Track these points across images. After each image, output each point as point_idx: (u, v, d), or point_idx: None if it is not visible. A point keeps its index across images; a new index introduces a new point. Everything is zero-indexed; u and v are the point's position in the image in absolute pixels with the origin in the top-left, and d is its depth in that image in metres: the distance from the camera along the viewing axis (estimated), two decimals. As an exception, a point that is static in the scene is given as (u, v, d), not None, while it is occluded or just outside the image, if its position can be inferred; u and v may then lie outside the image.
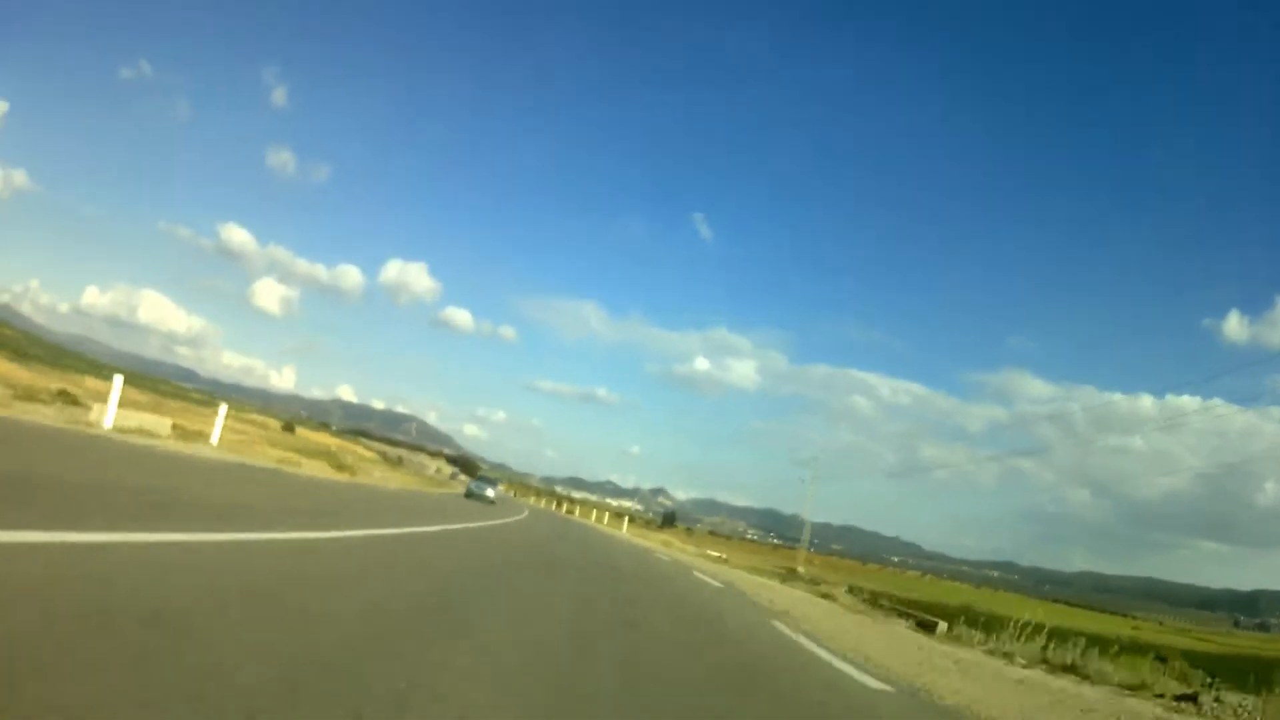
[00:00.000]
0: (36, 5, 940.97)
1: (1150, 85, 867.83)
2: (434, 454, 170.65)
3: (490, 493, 42.05)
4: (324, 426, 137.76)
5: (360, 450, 68.78)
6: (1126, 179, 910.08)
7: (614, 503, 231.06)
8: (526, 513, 38.38)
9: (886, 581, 71.01)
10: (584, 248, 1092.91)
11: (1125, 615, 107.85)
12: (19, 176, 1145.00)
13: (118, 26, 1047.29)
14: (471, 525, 16.79)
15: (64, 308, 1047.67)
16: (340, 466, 31.17)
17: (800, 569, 48.44)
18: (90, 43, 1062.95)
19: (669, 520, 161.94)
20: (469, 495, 40.71)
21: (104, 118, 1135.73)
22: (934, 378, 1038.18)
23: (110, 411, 15.20)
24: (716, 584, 17.42)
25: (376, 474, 39.93)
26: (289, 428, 65.41)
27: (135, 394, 44.51)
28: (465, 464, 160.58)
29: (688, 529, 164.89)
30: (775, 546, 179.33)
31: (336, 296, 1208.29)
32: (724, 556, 43.01)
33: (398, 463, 78.79)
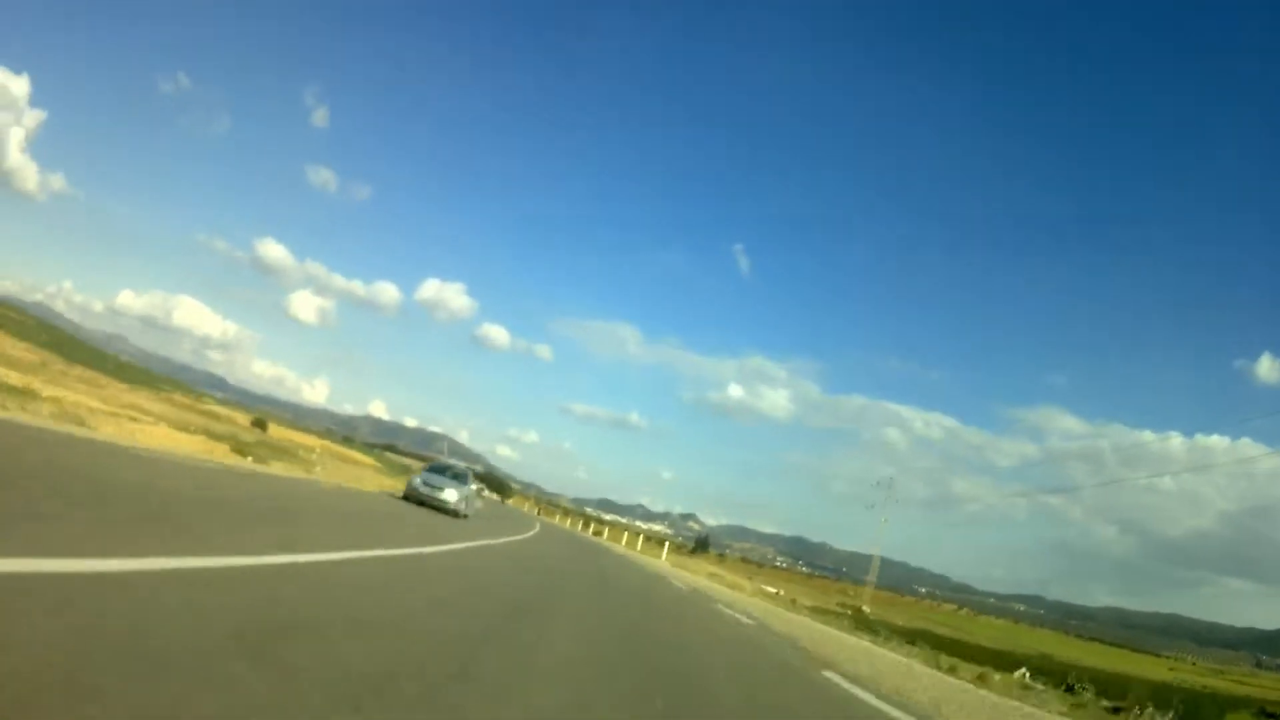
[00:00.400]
0: (75, 17, 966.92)
1: (1196, 128, 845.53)
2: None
3: (450, 495, 22.52)
4: (347, 440, 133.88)
5: (349, 453, 63.40)
6: (1167, 219, 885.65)
7: (644, 526, 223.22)
8: (528, 534, 27.78)
9: (949, 623, 63.09)
10: (622, 273, 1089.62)
11: (1156, 655, 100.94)
12: (57, 180, 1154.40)
13: (157, 41, 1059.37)
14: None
15: (98, 306, 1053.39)
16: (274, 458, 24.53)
17: (866, 608, 41.09)
18: (129, 55, 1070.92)
19: (702, 545, 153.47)
20: (412, 496, 23.13)
21: (143, 128, 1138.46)
22: (968, 412, 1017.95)
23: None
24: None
25: (320, 470, 28.81)
26: (260, 424, 59.71)
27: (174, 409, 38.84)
28: (488, 480, 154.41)
29: (719, 555, 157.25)
30: (807, 576, 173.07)
31: (372, 310, 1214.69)
32: (783, 594, 35.94)
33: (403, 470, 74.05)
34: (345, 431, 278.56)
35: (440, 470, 26.52)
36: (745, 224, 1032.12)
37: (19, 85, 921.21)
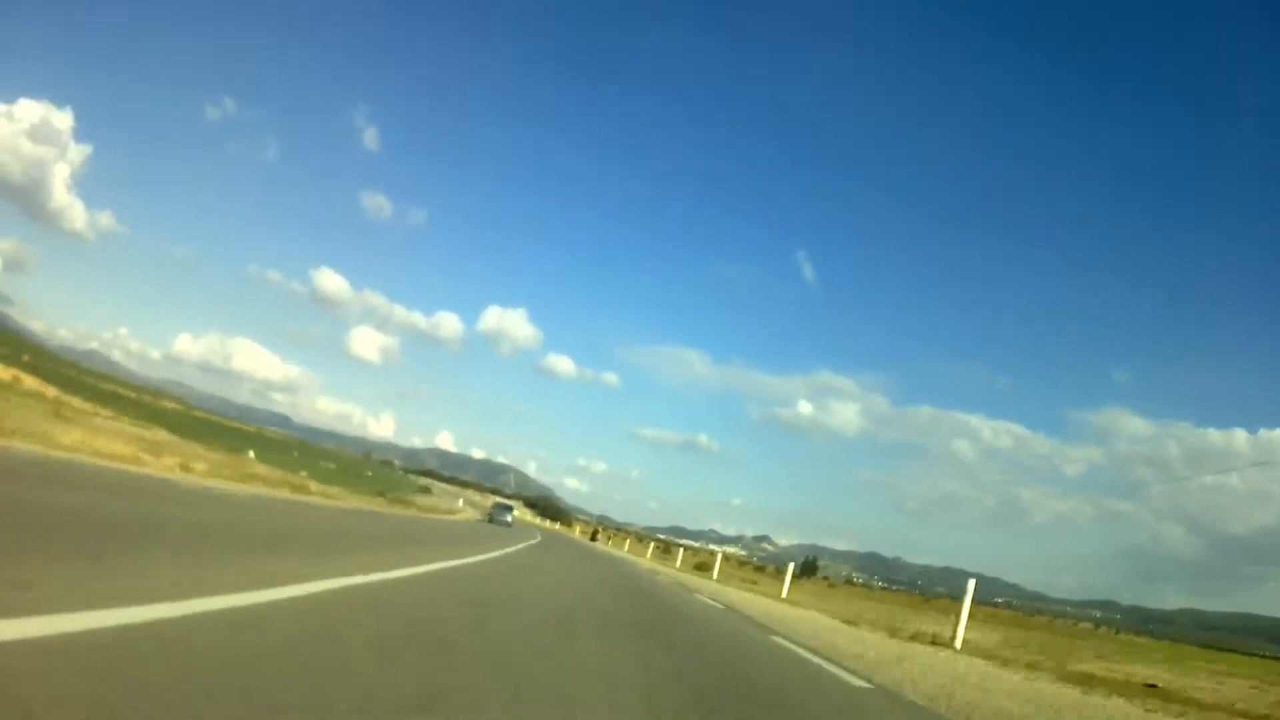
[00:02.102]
0: (116, 47, 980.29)
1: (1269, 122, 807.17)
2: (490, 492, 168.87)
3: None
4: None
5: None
6: (1230, 214, 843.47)
7: (717, 548, 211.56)
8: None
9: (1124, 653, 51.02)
10: (687, 293, 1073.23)
11: (1260, 656, 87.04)
12: (105, 219, 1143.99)
13: (200, 66, 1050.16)
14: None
15: (155, 354, 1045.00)
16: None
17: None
18: (172, 83, 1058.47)
19: (809, 569, 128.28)
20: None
21: (190, 157, 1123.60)
22: (1035, 419, 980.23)
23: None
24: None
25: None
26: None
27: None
28: (547, 507, 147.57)
29: (825, 581, 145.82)
30: (890, 591, 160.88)
31: (435, 344, 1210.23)
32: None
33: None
34: (413, 464, 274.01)
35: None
36: (808, 230, 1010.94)
37: (62, 120, 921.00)
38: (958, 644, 12.60)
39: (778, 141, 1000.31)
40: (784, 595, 23.04)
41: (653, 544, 66.73)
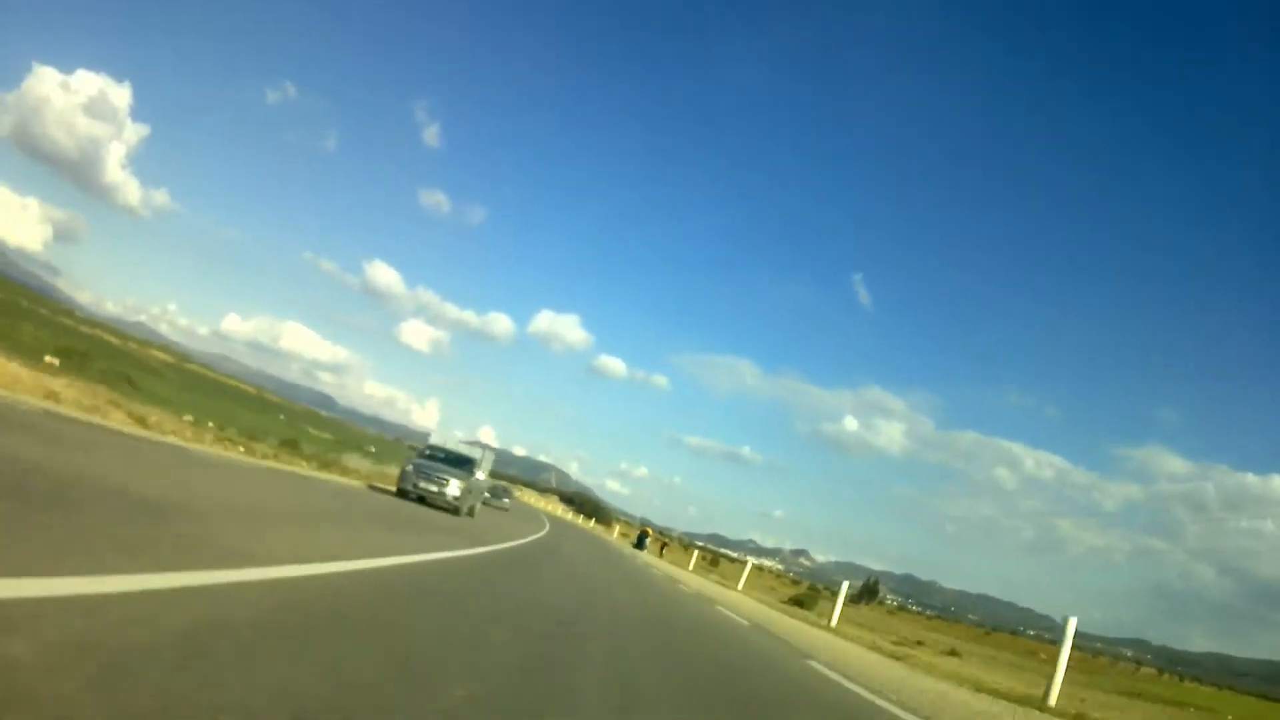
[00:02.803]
0: (179, 23, 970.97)
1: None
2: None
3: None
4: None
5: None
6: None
7: (755, 561, 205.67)
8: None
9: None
10: (742, 307, 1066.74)
11: None
12: (160, 196, 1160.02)
13: (263, 48, 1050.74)
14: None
15: (203, 330, 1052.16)
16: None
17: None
18: (235, 63, 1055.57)
19: (870, 593, 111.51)
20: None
21: (249, 142, 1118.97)
22: (1077, 451, 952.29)
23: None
24: None
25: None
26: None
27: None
28: (584, 503, 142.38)
29: (832, 592, 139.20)
30: (930, 619, 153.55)
31: (486, 339, 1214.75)
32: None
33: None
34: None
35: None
36: (865, 253, 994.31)
37: (120, 96, 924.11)
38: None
39: (839, 165, 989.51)
40: (833, 624, 18.03)
41: (695, 554, 58.81)
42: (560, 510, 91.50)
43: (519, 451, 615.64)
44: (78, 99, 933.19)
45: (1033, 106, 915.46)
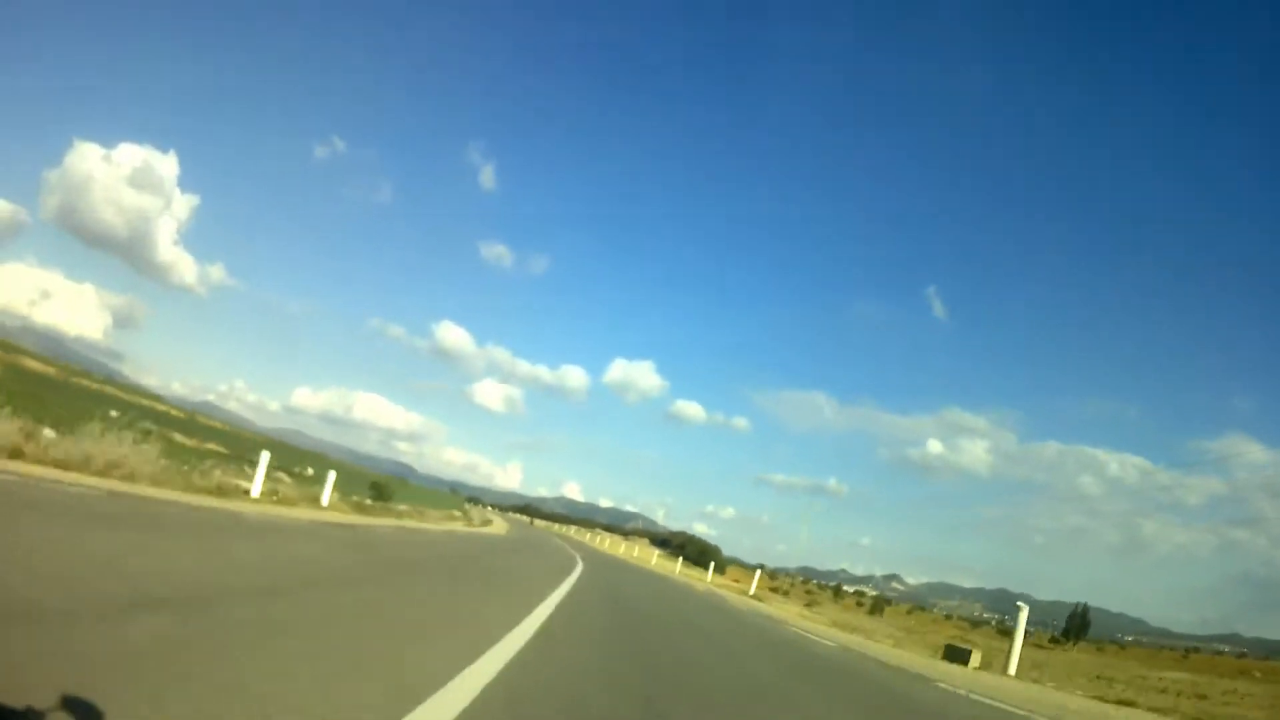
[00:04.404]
0: (220, 88, 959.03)
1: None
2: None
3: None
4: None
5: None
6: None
7: (850, 590, 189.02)
8: None
9: None
10: (814, 335, 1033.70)
11: None
12: (216, 272, 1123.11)
13: (306, 105, 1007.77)
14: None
15: (274, 406, 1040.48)
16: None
17: None
18: (279, 123, 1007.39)
19: (1080, 626, 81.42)
20: None
21: (302, 202, 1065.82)
22: (1158, 450, 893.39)
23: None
24: None
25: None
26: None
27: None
28: (679, 544, 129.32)
29: (918, 609, 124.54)
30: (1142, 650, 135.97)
31: (561, 395, 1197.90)
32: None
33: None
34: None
35: None
36: (937, 265, 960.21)
37: (167, 165, 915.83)
38: None
39: (905, 176, 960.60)
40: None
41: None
42: (656, 556, 71.07)
43: (605, 504, 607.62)
44: (122, 171, 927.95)
45: (1100, 106, 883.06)
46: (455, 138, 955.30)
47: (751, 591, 35.07)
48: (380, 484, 30.69)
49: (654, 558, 52.37)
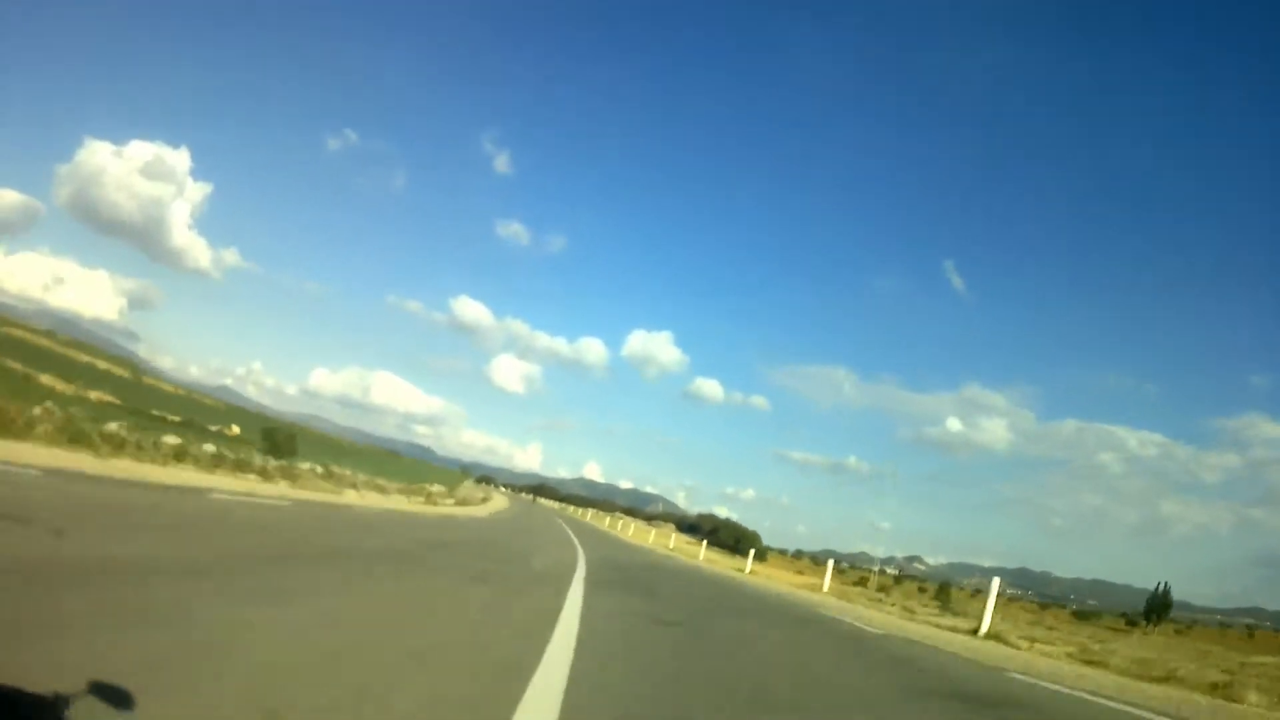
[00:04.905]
0: (229, 82, 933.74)
1: None
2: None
3: None
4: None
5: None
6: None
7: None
8: None
9: None
10: (834, 309, 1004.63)
11: None
12: (230, 255, 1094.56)
13: (317, 97, 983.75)
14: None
15: (291, 389, 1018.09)
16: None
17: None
18: (290, 116, 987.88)
19: (1161, 608, 71.58)
20: None
21: (316, 191, 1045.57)
22: (1177, 427, 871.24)
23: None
24: None
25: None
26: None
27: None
28: (710, 529, 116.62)
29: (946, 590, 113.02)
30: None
31: (580, 371, 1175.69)
32: None
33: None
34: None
35: None
36: (955, 238, 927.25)
37: (179, 159, 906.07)
38: None
39: (921, 144, 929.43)
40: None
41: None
42: (683, 543, 61.83)
43: (625, 485, 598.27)
44: (135, 164, 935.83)
45: (1123, 73, 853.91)
46: (469, 126, 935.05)
47: (825, 588, 25.19)
48: (278, 431, 21.26)
49: (701, 552, 41.89)
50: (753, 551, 38.81)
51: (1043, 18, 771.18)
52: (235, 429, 30.36)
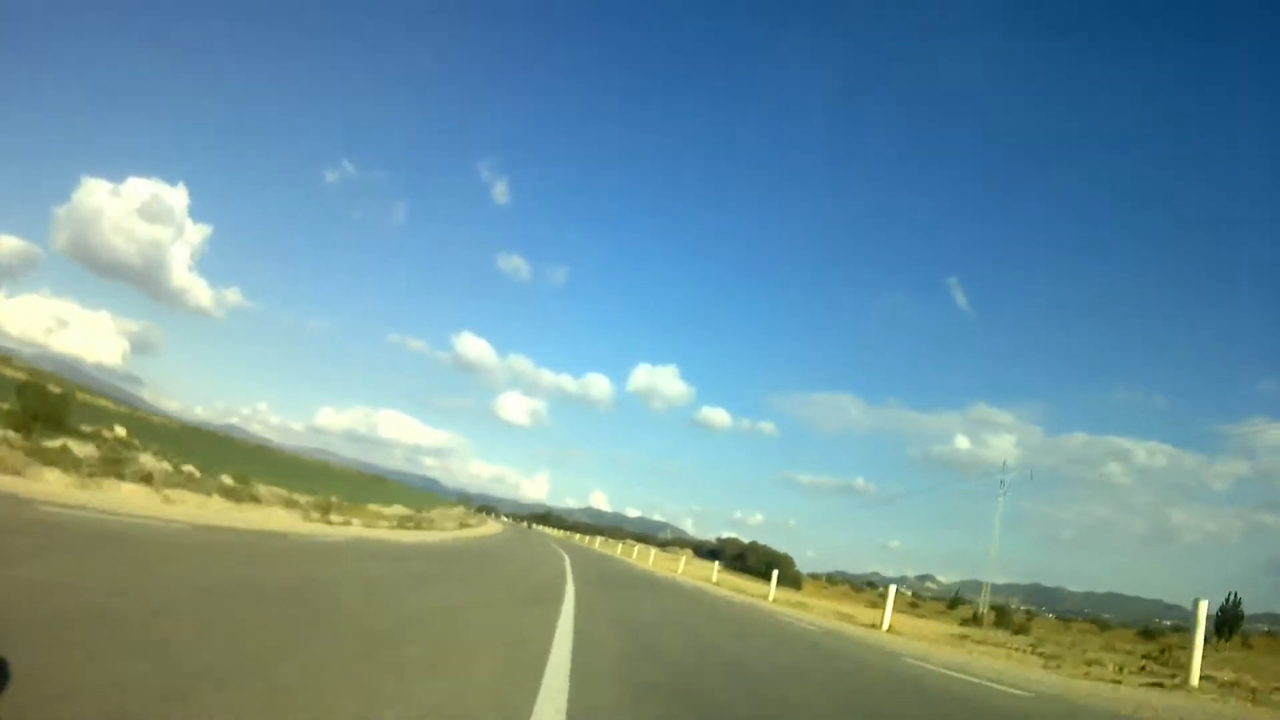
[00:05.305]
0: (223, 119, 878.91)
1: None
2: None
3: None
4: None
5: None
6: None
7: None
8: None
9: None
10: (838, 335, 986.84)
11: None
12: (232, 295, 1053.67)
13: (313, 130, 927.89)
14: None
15: (298, 426, 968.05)
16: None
17: None
18: (286, 150, 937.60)
19: (1233, 620, 38.27)
20: None
21: (315, 226, 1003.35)
22: (1185, 436, 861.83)
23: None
24: None
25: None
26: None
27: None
28: (735, 554, 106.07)
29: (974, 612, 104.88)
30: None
31: (586, 404, 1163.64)
32: None
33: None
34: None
35: None
36: (958, 254, 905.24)
37: (177, 198, 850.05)
38: None
39: (921, 159, 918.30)
40: None
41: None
42: (702, 570, 49.96)
43: (632, 513, 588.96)
44: (133, 204, 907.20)
45: (1127, 80, 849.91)
46: (466, 156, 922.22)
47: (886, 626, 18.62)
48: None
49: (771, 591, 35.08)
50: (775, 575, 31.96)
51: (1047, 30, 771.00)
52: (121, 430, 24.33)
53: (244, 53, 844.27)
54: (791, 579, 72.60)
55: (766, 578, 31.37)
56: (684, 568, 48.63)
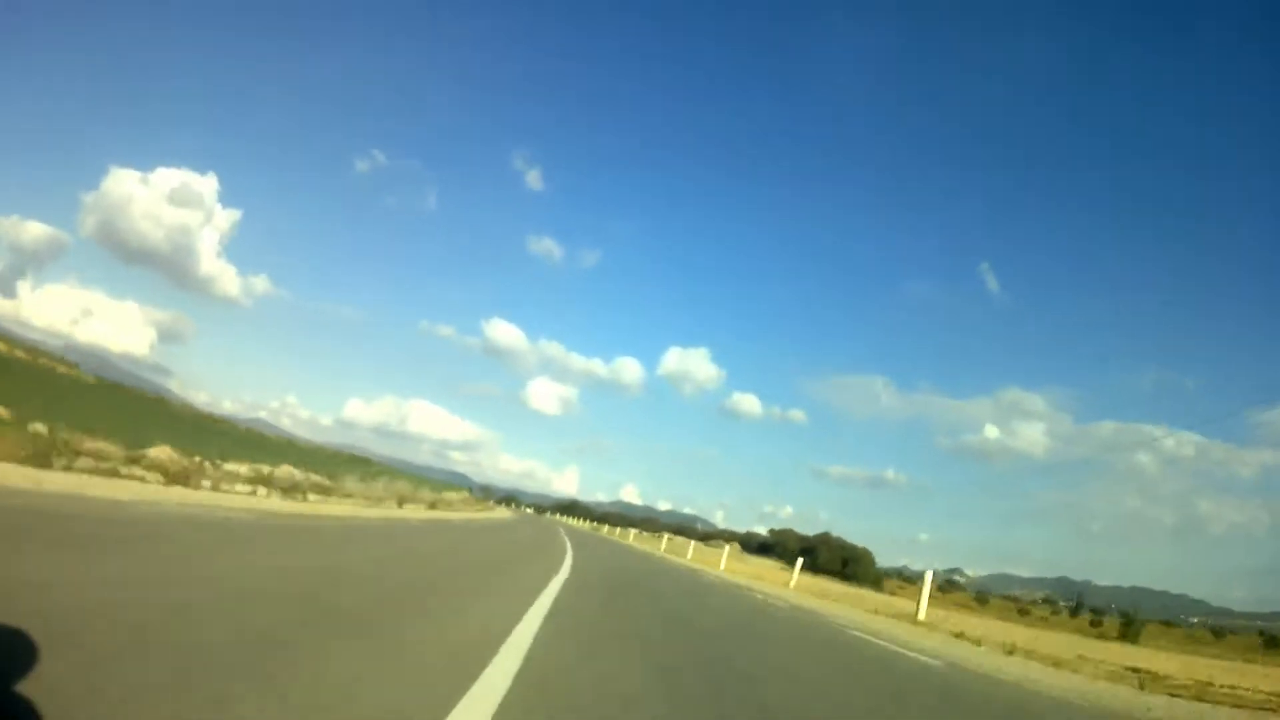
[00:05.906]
0: (254, 107, 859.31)
1: None
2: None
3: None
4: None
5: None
6: None
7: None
8: None
9: None
10: (870, 317, 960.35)
11: None
12: (260, 283, 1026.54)
13: (344, 120, 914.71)
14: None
15: (326, 420, 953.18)
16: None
17: None
18: (317, 139, 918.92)
19: None
20: None
21: (345, 215, 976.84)
22: (1214, 424, 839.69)
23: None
24: None
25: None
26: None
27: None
28: (785, 546, 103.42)
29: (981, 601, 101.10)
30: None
31: (616, 391, 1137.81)
32: None
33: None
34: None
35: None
36: (989, 239, 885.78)
37: (207, 185, 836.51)
38: None
39: (953, 144, 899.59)
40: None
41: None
42: (748, 566, 50.75)
43: (664, 506, 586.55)
44: (162, 190, 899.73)
45: (1158, 66, 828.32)
46: (499, 144, 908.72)
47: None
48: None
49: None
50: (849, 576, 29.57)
51: (1081, 18, 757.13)
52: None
53: (278, 44, 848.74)
54: (873, 580, 67.15)
55: (844, 578, 28.71)
56: (760, 571, 45.44)
